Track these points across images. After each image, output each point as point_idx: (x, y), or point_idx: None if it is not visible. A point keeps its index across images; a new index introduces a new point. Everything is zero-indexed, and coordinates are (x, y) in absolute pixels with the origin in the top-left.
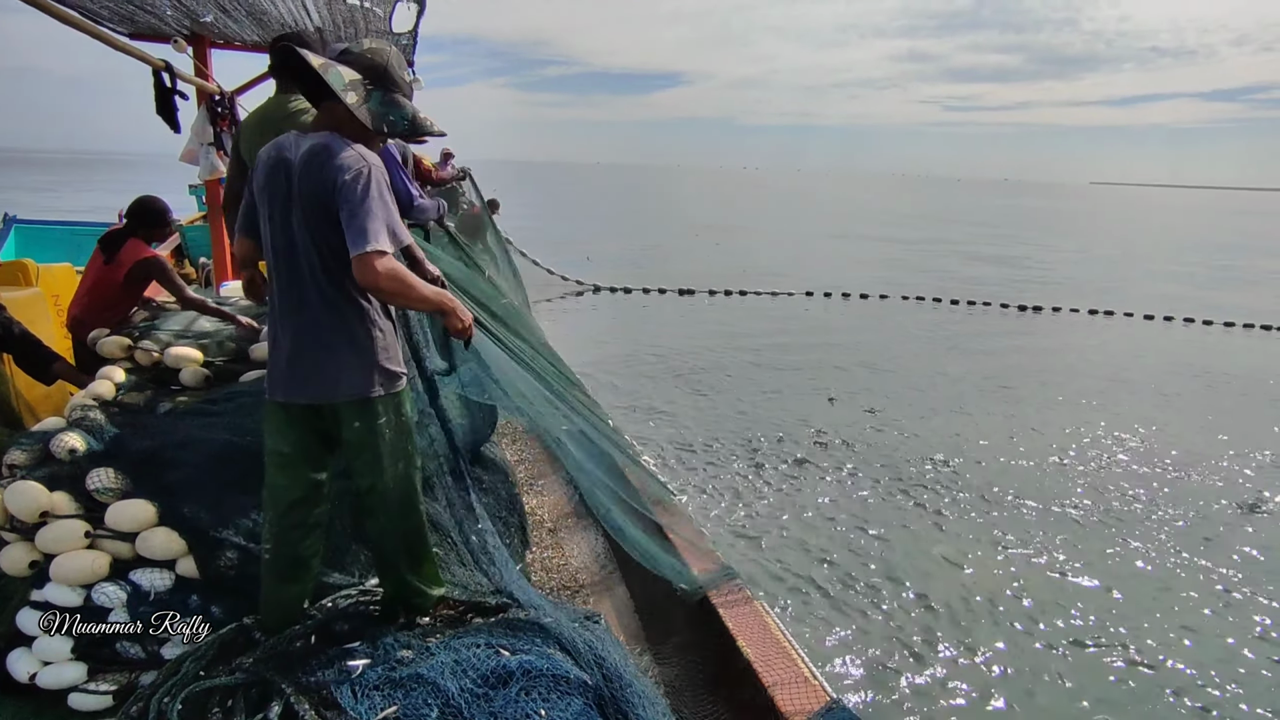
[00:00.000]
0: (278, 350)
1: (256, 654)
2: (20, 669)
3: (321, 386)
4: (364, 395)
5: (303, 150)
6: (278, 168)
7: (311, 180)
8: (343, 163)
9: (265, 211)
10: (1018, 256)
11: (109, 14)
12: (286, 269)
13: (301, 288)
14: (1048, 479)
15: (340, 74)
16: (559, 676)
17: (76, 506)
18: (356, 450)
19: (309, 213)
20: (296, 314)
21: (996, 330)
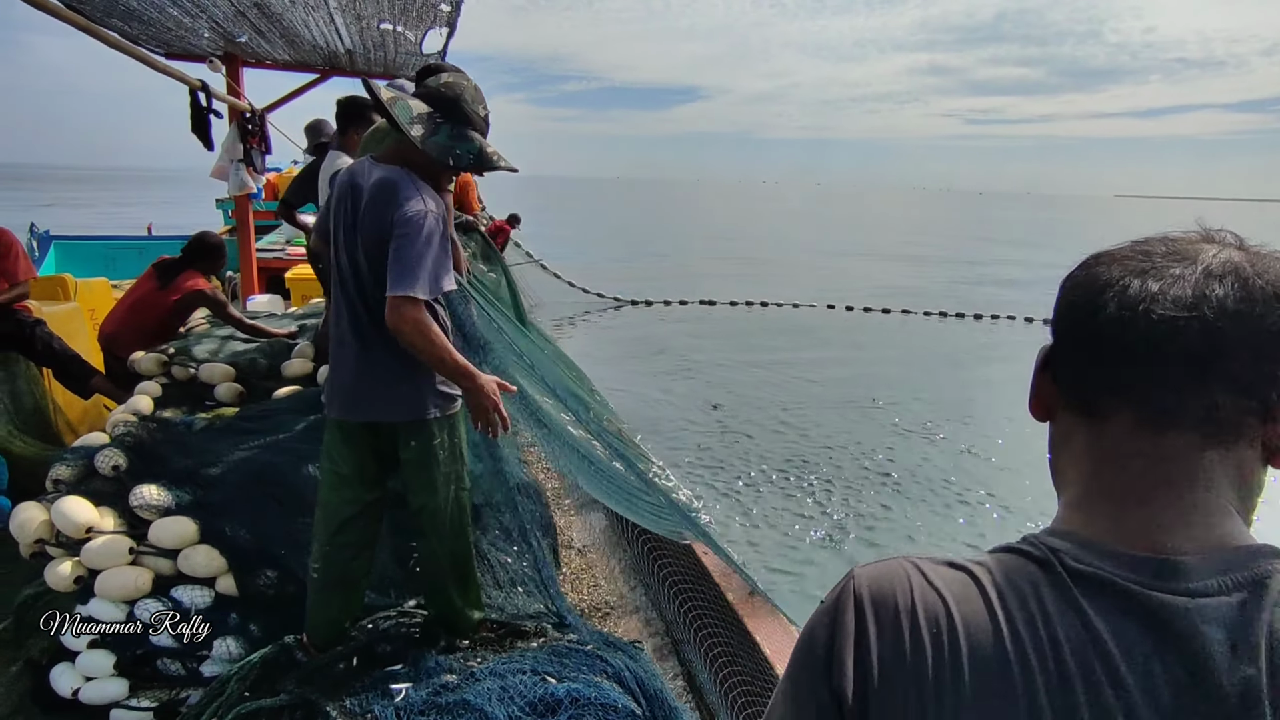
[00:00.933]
0: (340, 369)
1: (299, 675)
2: (64, 684)
3: (382, 406)
4: (421, 417)
5: (372, 181)
6: (347, 194)
7: (376, 214)
8: (405, 204)
9: (333, 233)
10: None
11: (148, 37)
12: (352, 291)
13: (364, 312)
14: None
15: (409, 107)
16: (607, 705)
17: (120, 523)
18: (413, 470)
19: (369, 245)
20: (359, 335)
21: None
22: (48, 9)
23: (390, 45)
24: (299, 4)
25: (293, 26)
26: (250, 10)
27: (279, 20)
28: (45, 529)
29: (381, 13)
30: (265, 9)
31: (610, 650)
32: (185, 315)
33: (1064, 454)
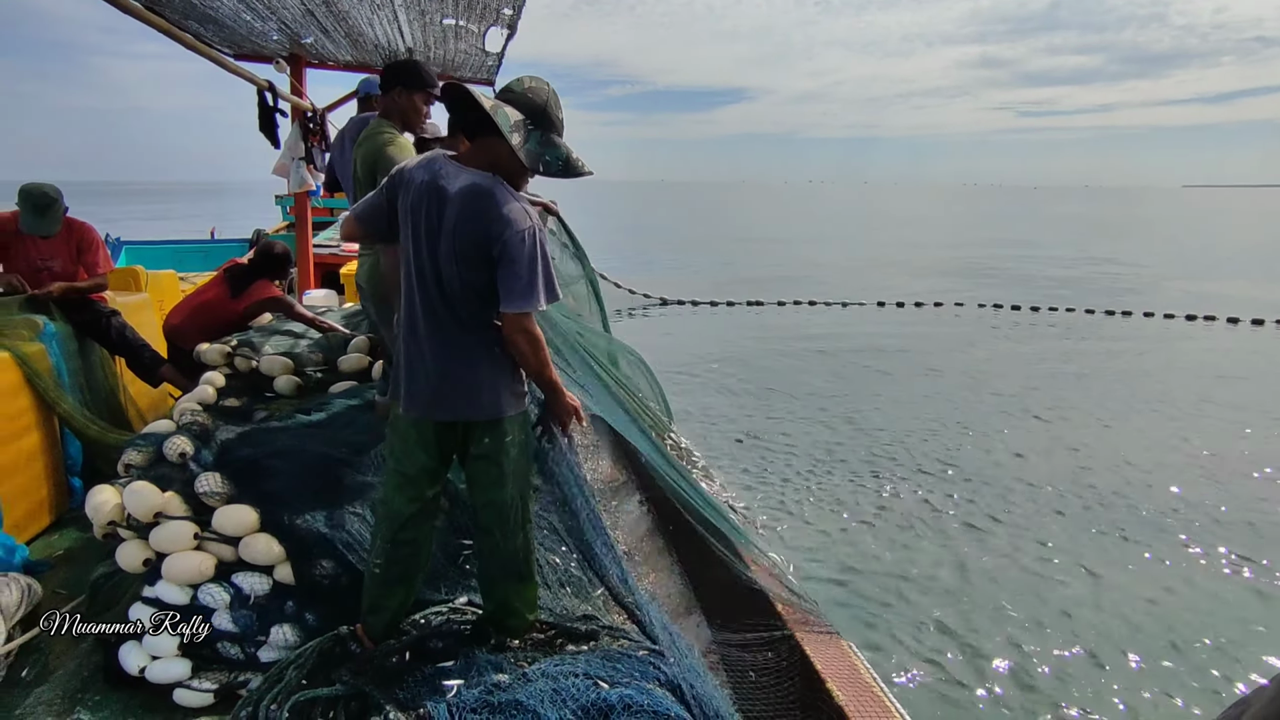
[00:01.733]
0: (418, 367)
1: (354, 666)
2: (131, 662)
3: (464, 405)
4: (499, 415)
5: (462, 185)
6: (433, 194)
7: (473, 223)
8: (510, 217)
9: (411, 232)
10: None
11: (219, 39)
12: (434, 292)
13: (445, 313)
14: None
15: (507, 115)
16: (659, 714)
17: (186, 508)
18: (484, 464)
19: (463, 252)
20: (439, 335)
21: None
22: (132, 11)
23: (450, 43)
24: (365, 1)
25: (357, 25)
26: (318, 9)
27: (345, 19)
28: (117, 511)
29: (445, 9)
30: (332, 6)
31: (663, 657)
32: (251, 319)
33: None
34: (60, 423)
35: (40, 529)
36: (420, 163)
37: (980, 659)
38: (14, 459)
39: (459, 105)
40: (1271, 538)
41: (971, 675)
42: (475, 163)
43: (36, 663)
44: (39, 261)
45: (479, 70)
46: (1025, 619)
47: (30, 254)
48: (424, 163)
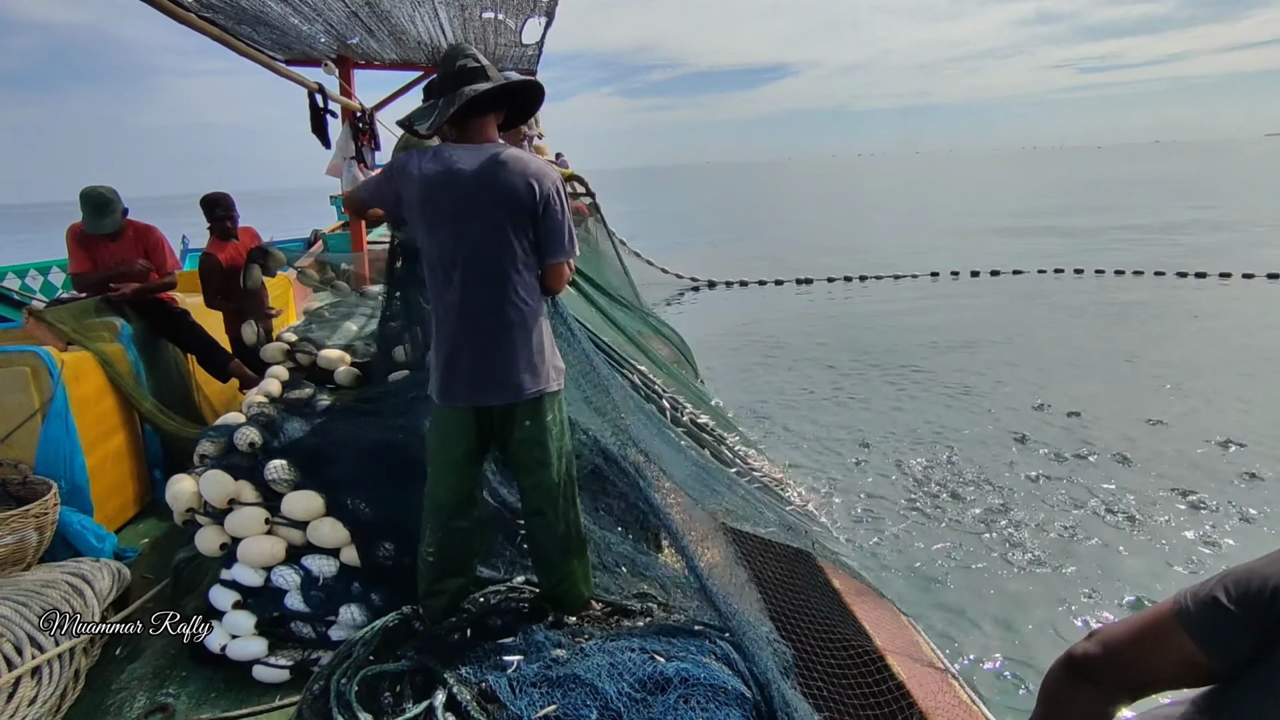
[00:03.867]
0: (456, 356)
1: (417, 643)
2: (213, 641)
3: (506, 389)
4: (541, 392)
5: (483, 160)
6: (453, 180)
7: (510, 184)
8: (544, 170)
9: (433, 224)
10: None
11: (268, 43)
12: (471, 276)
13: (483, 295)
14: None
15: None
16: (716, 687)
17: (257, 495)
18: (527, 448)
19: (507, 217)
20: (477, 321)
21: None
22: (187, 21)
23: (491, 37)
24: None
25: (400, 23)
26: (362, 10)
27: (388, 18)
28: (194, 499)
29: (484, 2)
30: (375, 7)
31: (720, 632)
32: (202, 278)
33: None
34: (141, 419)
35: (127, 519)
36: (424, 155)
37: (1046, 636)
38: (103, 455)
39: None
40: None
41: (1033, 653)
42: (478, 141)
43: (129, 642)
44: (113, 264)
45: (520, 62)
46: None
47: (106, 258)
48: (429, 155)
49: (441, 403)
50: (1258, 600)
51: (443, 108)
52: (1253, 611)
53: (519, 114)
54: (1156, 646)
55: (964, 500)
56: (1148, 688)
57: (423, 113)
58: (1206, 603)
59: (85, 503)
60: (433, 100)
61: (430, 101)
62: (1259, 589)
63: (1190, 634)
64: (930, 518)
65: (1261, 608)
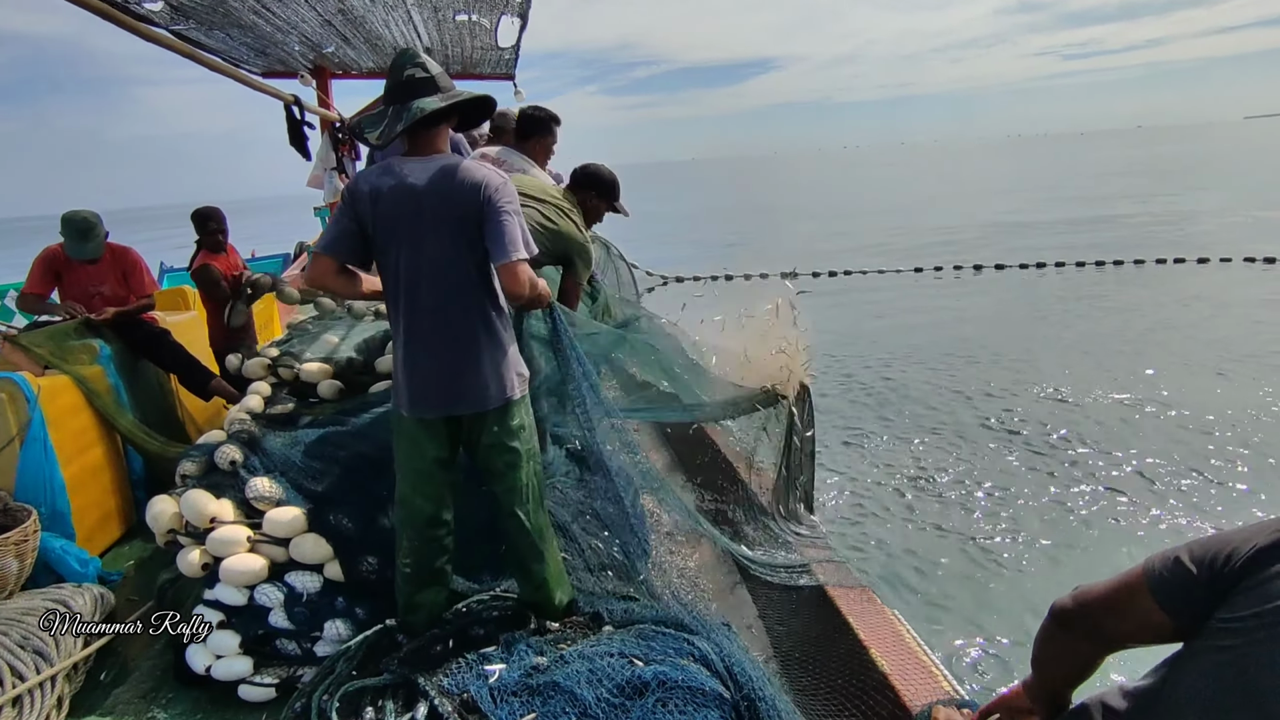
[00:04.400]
0: (422, 369)
1: (400, 656)
2: (198, 662)
3: (475, 397)
4: (508, 399)
5: (432, 172)
6: (407, 194)
7: (458, 195)
8: (488, 177)
9: (393, 240)
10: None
11: (245, 54)
12: (432, 288)
13: (445, 306)
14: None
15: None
16: (694, 689)
17: (239, 513)
18: (497, 453)
19: (457, 226)
20: (439, 333)
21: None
22: (154, 38)
23: (466, 40)
24: (379, 3)
25: (374, 29)
26: (335, 18)
27: (361, 24)
28: (175, 520)
29: (456, 3)
30: (349, 14)
31: (698, 633)
32: (206, 288)
33: None
34: (122, 440)
35: (111, 541)
36: (374, 173)
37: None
38: (84, 479)
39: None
40: None
41: (1017, 641)
42: (426, 153)
43: (113, 666)
44: (90, 287)
45: (497, 66)
46: None
47: (82, 281)
48: (379, 171)
49: (410, 414)
50: (1214, 564)
51: (391, 120)
52: (1211, 574)
53: (468, 121)
54: (1126, 605)
55: (946, 490)
56: (1119, 642)
57: (373, 120)
58: (1170, 565)
59: (67, 528)
60: (382, 109)
61: (380, 109)
62: (1217, 553)
63: (1155, 595)
64: (911, 508)
65: (1218, 571)
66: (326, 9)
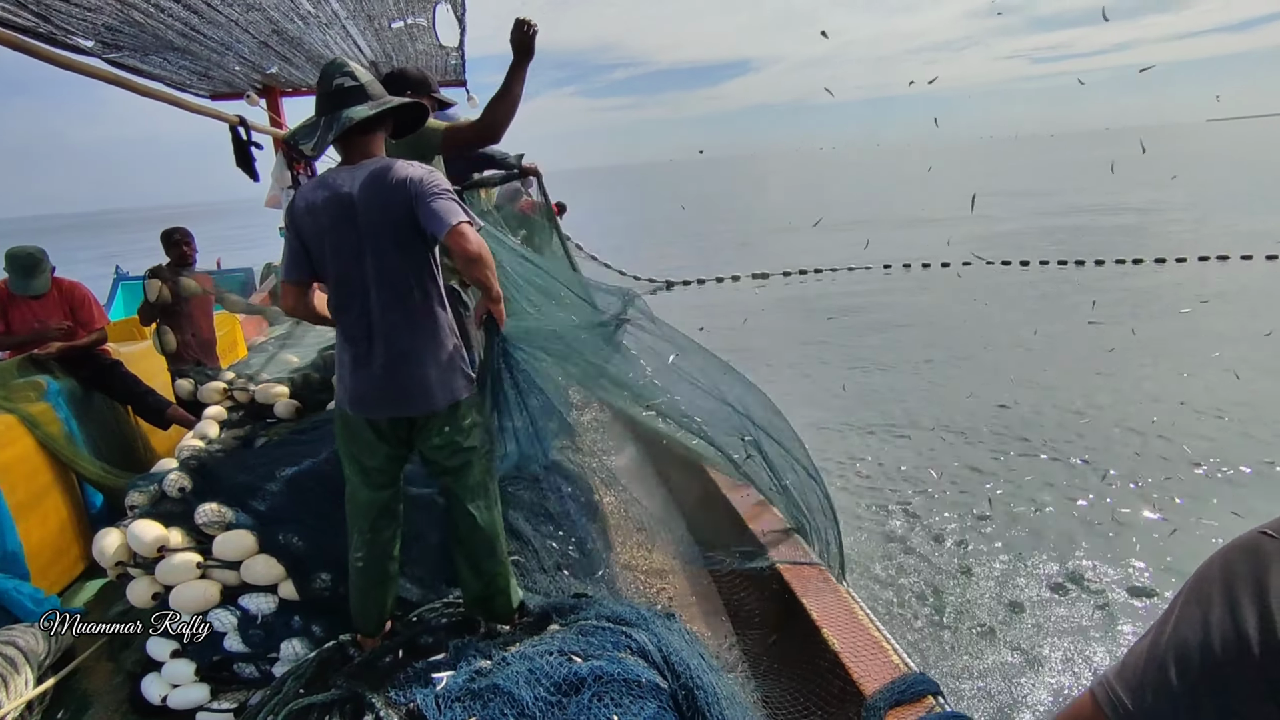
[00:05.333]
0: (363, 375)
1: (349, 670)
2: (153, 692)
3: (420, 399)
4: (455, 399)
5: (362, 179)
6: (340, 204)
7: (386, 197)
8: (409, 171)
9: (332, 251)
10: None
11: (189, 78)
12: (374, 295)
13: (397, 310)
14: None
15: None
16: (630, 681)
17: (189, 540)
18: (448, 453)
19: (391, 229)
20: (386, 337)
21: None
22: (90, 72)
23: (409, 46)
24: (312, 23)
25: (313, 47)
26: (271, 38)
27: (300, 44)
28: (123, 551)
29: (389, 11)
30: (284, 35)
31: (636, 626)
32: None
33: None
34: (78, 477)
35: (71, 579)
36: (309, 187)
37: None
38: (38, 519)
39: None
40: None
41: (967, 617)
42: (357, 160)
43: (71, 702)
44: (35, 323)
45: (446, 72)
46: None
47: (27, 316)
48: (314, 185)
49: (354, 413)
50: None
51: (323, 130)
52: (1196, 693)
53: (404, 128)
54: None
55: (909, 480)
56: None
57: (306, 131)
58: (1144, 692)
59: (21, 568)
60: (314, 119)
61: (312, 120)
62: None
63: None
64: (876, 497)
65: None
66: (260, 31)
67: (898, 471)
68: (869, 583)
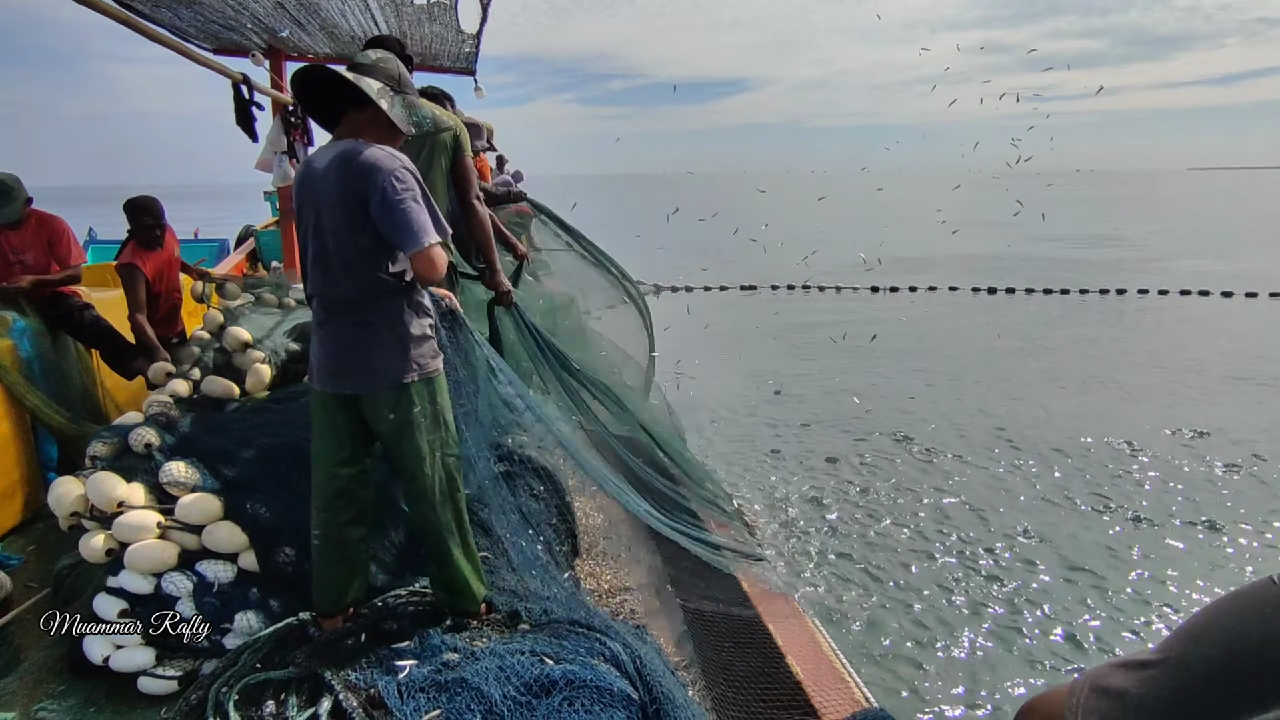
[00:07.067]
0: (321, 347)
1: (309, 649)
2: (95, 651)
3: (362, 377)
4: (398, 381)
5: (329, 159)
6: (308, 182)
7: (345, 183)
8: (377, 163)
9: (303, 219)
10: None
11: (195, 31)
12: (330, 270)
13: (339, 285)
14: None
15: (370, 84)
16: (602, 688)
17: (150, 498)
18: (394, 440)
19: (343, 214)
20: (339, 309)
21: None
22: (99, 7)
23: (426, 27)
24: None
25: (330, 16)
26: (289, 2)
27: (316, 11)
28: (80, 503)
29: None
30: (302, 0)
31: (611, 634)
32: (126, 289)
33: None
34: (32, 419)
35: (13, 525)
36: (306, 159)
37: (941, 636)
38: None
39: (318, 87)
40: None
41: (930, 653)
42: (339, 139)
43: (3, 655)
44: (11, 255)
45: (457, 59)
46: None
47: (3, 247)
48: (306, 159)
49: (315, 387)
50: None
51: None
52: None
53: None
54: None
55: (879, 509)
56: None
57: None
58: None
59: None
60: (412, 99)
61: (412, 100)
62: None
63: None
64: (844, 525)
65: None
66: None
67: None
68: (832, 612)
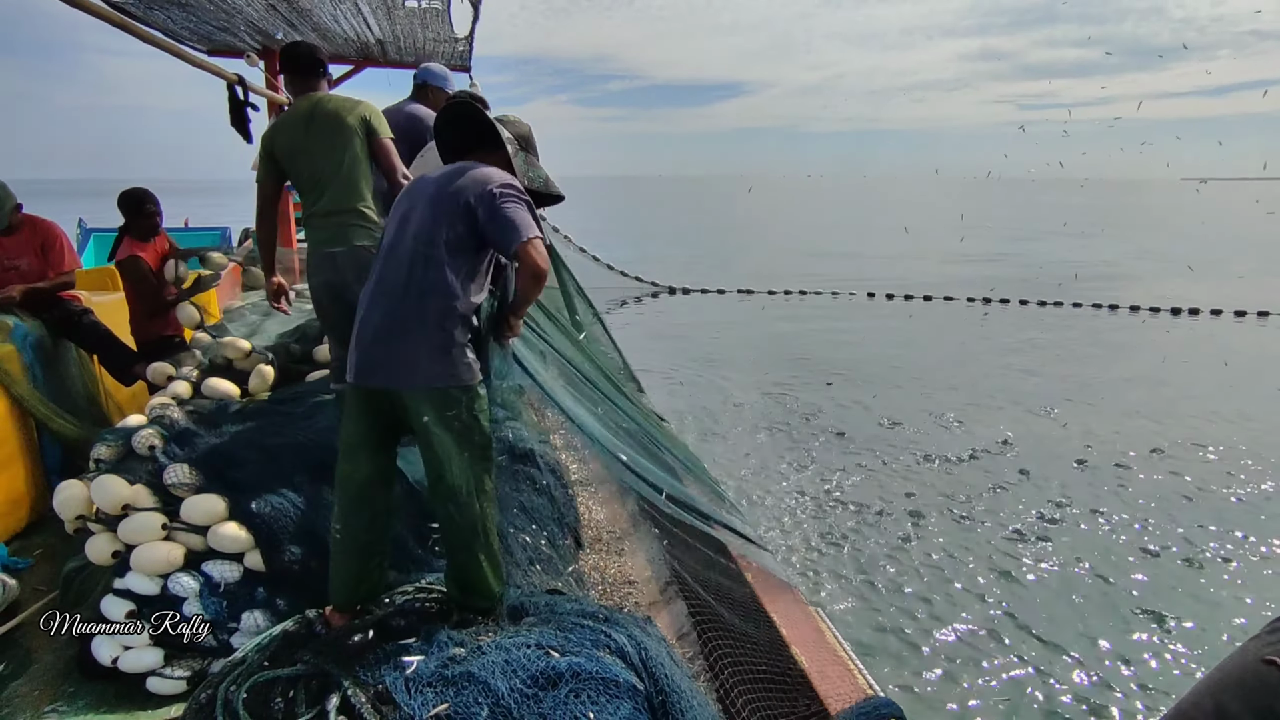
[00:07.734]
0: (364, 335)
1: (316, 646)
2: (104, 653)
3: (398, 371)
4: (435, 385)
5: (447, 169)
6: (418, 187)
7: (454, 182)
8: (490, 174)
9: (395, 223)
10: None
11: (189, 33)
12: (403, 261)
13: (407, 278)
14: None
15: (504, 130)
16: (608, 680)
17: (155, 500)
18: (427, 442)
19: (447, 210)
20: (390, 301)
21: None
22: (90, 9)
23: (418, 31)
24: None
25: (322, 21)
26: (281, 5)
27: (309, 15)
28: (85, 505)
29: None
30: (294, 3)
31: (616, 626)
32: (135, 283)
33: None
34: (37, 424)
35: (20, 528)
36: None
37: (945, 627)
38: None
39: (459, 122)
40: None
41: (935, 642)
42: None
43: (14, 658)
44: (6, 261)
45: (451, 58)
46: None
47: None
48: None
49: (353, 381)
50: None
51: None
52: None
53: None
54: None
55: (881, 502)
56: None
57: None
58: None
59: None
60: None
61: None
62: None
63: None
64: (845, 520)
65: None
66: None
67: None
68: (838, 604)
